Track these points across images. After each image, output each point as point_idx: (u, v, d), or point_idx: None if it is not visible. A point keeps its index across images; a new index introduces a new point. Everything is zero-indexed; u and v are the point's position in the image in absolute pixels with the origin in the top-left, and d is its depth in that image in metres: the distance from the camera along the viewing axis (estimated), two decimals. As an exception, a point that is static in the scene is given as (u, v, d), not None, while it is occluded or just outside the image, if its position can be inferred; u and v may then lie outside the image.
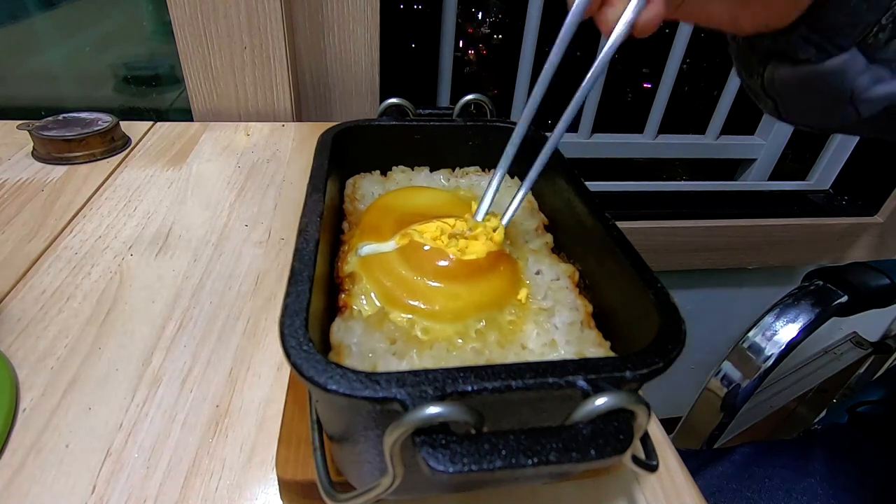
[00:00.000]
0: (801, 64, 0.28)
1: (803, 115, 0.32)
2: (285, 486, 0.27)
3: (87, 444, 0.30)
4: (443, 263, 0.29)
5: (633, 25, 0.26)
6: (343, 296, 0.28)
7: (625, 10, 0.25)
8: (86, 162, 0.58)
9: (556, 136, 0.30)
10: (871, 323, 1.09)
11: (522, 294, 0.29)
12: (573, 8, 0.26)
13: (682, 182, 1.09)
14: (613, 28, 0.26)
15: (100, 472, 0.29)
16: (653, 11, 0.26)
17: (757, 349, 0.58)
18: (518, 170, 0.41)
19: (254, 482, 0.29)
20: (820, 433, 0.63)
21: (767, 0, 0.27)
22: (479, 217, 0.31)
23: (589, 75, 0.27)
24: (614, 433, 0.18)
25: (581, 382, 0.19)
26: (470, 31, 0.97)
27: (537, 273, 0.32)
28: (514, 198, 0.31)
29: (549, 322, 0.28)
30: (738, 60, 0.33)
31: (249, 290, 0.42)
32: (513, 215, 0.31)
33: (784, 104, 0.32)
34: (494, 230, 0.31)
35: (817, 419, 0.88)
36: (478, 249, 0.30)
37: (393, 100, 0.40)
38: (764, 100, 0.32)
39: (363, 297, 0.28)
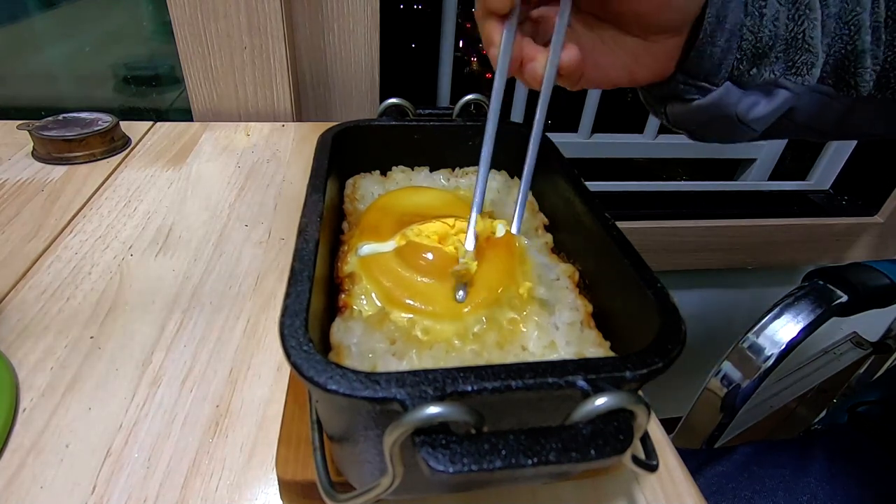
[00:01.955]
0: (689, 102, 0.34)
1: (713, 137, 0.37)
2: (285, 486, 0.27)
3: (87, 444, 0.30)
4: (442, 263, 0.29)
5: (558, 71, 0.30)
6: (343, 296, 0.28)
7: (547, 59, 0.30)
8: (86, 162, 0.58)
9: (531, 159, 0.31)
10: (871, 323, 1.08)
11: (524, 288, 0.29)
12: (497, 76, 0.30)
13: (682, 182, 1.09)
14: (542, 77, 0.30)
15: (100, 472, 0.29)
16: (572, 53, 0.30)
17: (757, 349, 0.57)
18: (519, 172, 0.41)
19: (254, 482, 0.29)
20: (820, 433, 0.63)
21: (648, 61, 0.32)
22: (470, 246, 0.30)
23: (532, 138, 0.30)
24: (614, 433, 0.18)
25: (581, 382, 0.19)
26: (468, 25, 0.96)
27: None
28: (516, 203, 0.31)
29: (548, 322, 0.28)
30: (646, 104, 0.38)
31: (249, 290, 0.42)
32: (521, 220, 0.31)
33: (693, 131, 0.37)
34: (493, 232, 0.31)
35: (817, 419, 0.88)
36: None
37: (393, 100, 0.40)
38: (677, 129, 0.38)
39: (363, 297, 0.28)
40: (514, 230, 0.31)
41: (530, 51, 0.31)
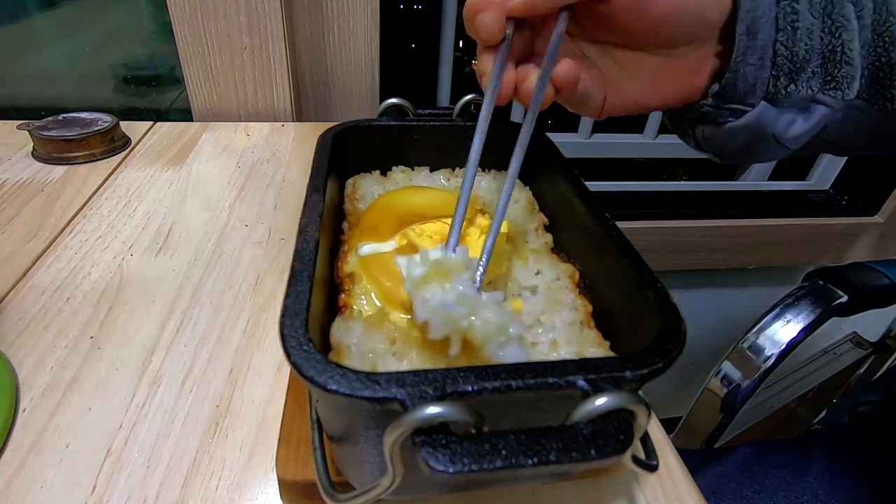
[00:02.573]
0: (722, 125, 0.32)
1: (745, 158, 0.36)
2: (285, 486, 0.27)
3: (87, 444, 0.30)
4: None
5: (556, 85, 0.29)
6: (343, 296, 0.28)
7: (539, 76, 0.29)
8: (86, 162, 0.58)
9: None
10: (871, 323, 1.08)
11: (518, 305, 0.29)
12: (485, 102, 0.30)
13: (682, 182, 1.09)
14: (534, 93, 0.29)
15: (100, 472, 0.29)
16: (566, 64, 0.29)
17: (757, 349, 0.57)
18: (519, 172, 0.41)
19: (254, 482, 0.29)
20: (820, 433, 0.63)
21: (675, 79, 0.31)
22: (451, 247, 0.27)
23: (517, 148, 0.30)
24: (614, 433, 0.18)
25: (581, 382, 0.19)
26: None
27: (537, 273, 0.32)
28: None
29: (549, 322, 0.28)
30: (674, 128, 0.37)
31: (249, 290, 0.42)
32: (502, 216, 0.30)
33: (722, 154, 0.35)
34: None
35: (817, 419, 0.88)
36: (475, 246, 0.29)
37: (393, 100, 0.40)
38: (704, 152, 0.36)
39: (363, 297, 0.28)
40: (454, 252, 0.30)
41: (525, 72, 0.30)
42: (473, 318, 0.23)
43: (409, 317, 0.27)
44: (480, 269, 0.26)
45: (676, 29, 0.29)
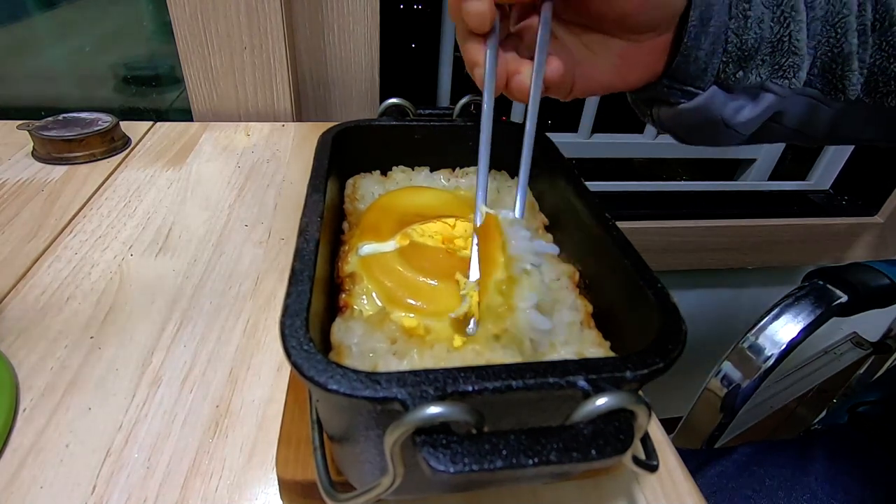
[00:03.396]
0: (675, 105, 0.33)
1: (700, 140, 0.37)
2: (285, 486, 0.27)
3: (87, 444, 0.30)
4: (440, 261, 0.29)
5: (545, 83, 0.30)
6: (343, 296, 0.28)
7: (532, 71, 0.30)
8: (86, 162, 0.58)
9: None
10: (871, 323, 1.08)
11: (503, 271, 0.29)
12: (485, 96, 0.30)
13: (682, 182, 1.09)
14: (529, 90, 0.30)
15: (100, 472, 0.29)
16: (556, 64, 0.30)
17: (757, 349, 0.57)
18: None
19: (254, 482, 0.29)
20: (820, 433, 0.63)
21: (638, 62, 0.33)
22: (474, 275, 0.28)
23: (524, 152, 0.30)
24: (615, 433, 0.18)
25: (582, 382, 0.19)
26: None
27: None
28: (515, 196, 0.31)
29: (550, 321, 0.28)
30: (634, 106, 0.38)
31: (249, 290, 0.42)
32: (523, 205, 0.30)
33: (679, 135, 0.37)
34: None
35: (817, 419, 0.88)
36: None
37: (393, 100, 0.40)
38: (663, 132, 0.37)
39: (364, 296, 0.28)
40: (517, 214, 0.30)
41: (515, 65, 0.31)
42: None
43: (411, 316, 0.27)
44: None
45: (645, 16, 0.30)
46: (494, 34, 0.29)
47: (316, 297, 0.23)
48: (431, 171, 0.41)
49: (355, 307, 0.28)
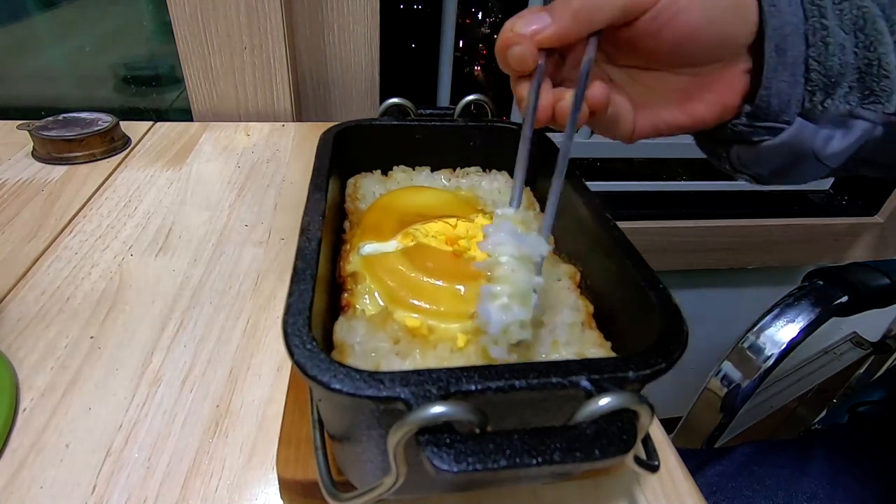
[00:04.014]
0: (757, 144, 0.31)
1: (783, 178, 0.34)
2: (286, 486, 0.27)
3: (87, 444, 0.30)
4: (445, 263, 0.29)
5: (590, 108, 0.30)
6: (346, 295, 0.28)
7: (574, 92, 0.29)
8: (86, 162, 0.58)
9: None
10: (871, 323, 1.08)
11: None
12: (525, 127, 0.29)
13: (682, 182, 1.09)
14: (570, 113, 0.29)
15: (100, 472, 0.29)
16: (597, 89, 0.29)
17: (757, 349, 0.57)
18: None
19: (254, 482, 0.29)
20: (820, 433, 0.63)
21: (708, 97, 0.31)
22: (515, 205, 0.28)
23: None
24: (618, 433, 0.18)
25: (584, 382, 0.19)
26: (467, 20, 0.96)
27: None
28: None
29: (550, 322, 0.28)
30: (706, 151, 0.36)
31: (249, 290, 0.42)
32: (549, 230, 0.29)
33: (762, 175, 0.34)
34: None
35: (817, 419, 0.88)
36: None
37: (394, 100, 0.40)
38: (740, 176, 0.35)
39: (366, 296, 0.28)
40: (513, 207, 0.29)
41: (560, 93, 0.30)
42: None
43: (414, 315, 0.27)
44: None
45: (700, 48, 0.29)
46: (539, 72, 0.29)
47: (318, 296, 0.23)
48: (432, 170, 0.41)
49: (357, 307, 0.28)
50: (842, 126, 0.30)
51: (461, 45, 0.92)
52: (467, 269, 0.29)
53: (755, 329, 0.58)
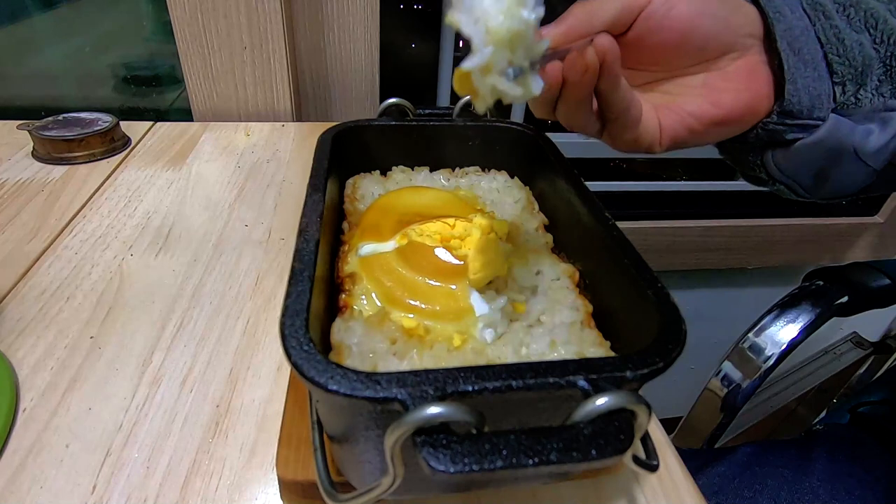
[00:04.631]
0: (792, 143, 0.31)
1: (824, 186, 0.33)
2: (286, 486, 0.27)
3: (87, 444, 0.30)
4: (443, 263, 0.29)
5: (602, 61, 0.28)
6: (343, 296, 0.28)
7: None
8: (86, 162, 0.58)
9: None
10: (871, 323, 1.08)
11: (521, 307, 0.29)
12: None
13: (682, 182, 1.09)
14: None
15: (100, 472, 0.29)
16: (603, 37, 0.27)
17: (757, 349, 0.57)
18: (519, 172, 0.41)
19: (254, 482, 0.29)
20: (821, 433, 0.63)
21: (729, 87, 0.30)
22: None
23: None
24: (615, 433, 0.18)
25: (582, 382, 0.19)
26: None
27: (537, 273, 0.32)
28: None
29: (549, 322, 0.28)
30: (738, 163, 0.35)
31: (249, 290, 0.42)
32: None
33: (798, 183, 0.33)
34: (490, 230, 0.31)
35: (818, 419, 0.88)
36: (475, 247, 0.30)
37: (393, 100, 0.40)
38: (778, 187, 0.34)
39: (363, 297, 0.28)
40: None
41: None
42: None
43: (411, 316, 0.27)
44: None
45: (703, 38, 0.29)
46: None
47: (316, 297, 0.23)
48: (431, 171, 0.41)
49: (355, 307, 0.28)
50: (879, 121, 0.30)
51: (461, 45, 0.92)
52: (461, 266, 0.29)
53: (755, 329, 0.58)
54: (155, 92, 0.80)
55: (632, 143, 0.31)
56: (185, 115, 0.73)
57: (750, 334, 0.58)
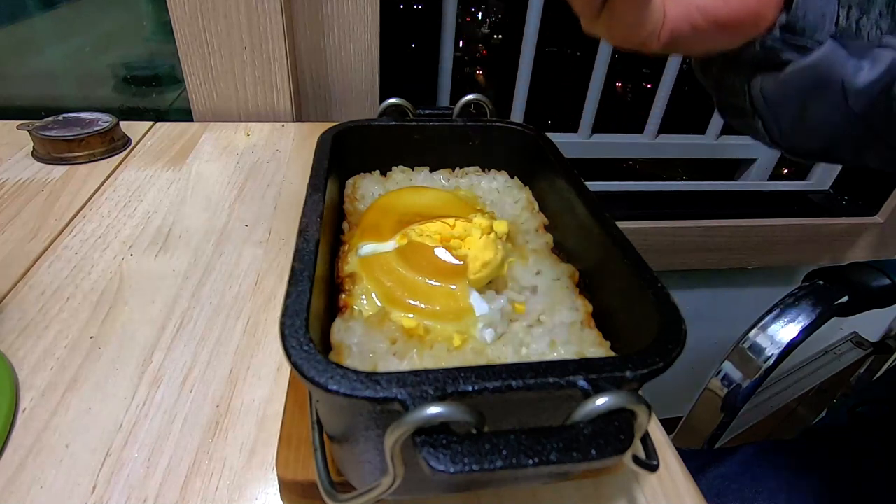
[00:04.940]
0: (784, 66, 0.30)
1: (794, 129, 0.33)
2: (286, 487, 0.27)
3: (87, 444, 0.30)
4: (442, 263, 0.29)
5: None
6: (343, 296, 0.28)
7: None
8: (86, 162, 0.58)
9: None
10: (871, 323, 1.08)
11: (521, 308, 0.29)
12: None
13: (682, 182, 1.09)
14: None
15: (100, 472, 0.29)
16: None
17: (757, 349, 0.57)
18: (519, 172, 0.41)
19: (254, 482, 0.29)
20: (821, 433, 0.63)
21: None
22: None
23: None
24: (615, 433, 0.18)
25: (582, 382, 0.19)
26: (468, 18, 0.96)
27: (537, 273, 0.32)
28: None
29: (549, 322, 0.28)
30: (720, 89, 0.35)
31: (249, 290, 0.42)
32: None
33: (775, 119, 0.33)
34: (490, 230, 0.31)
35: (817, 419, 0.88)
36: (475, 247, 0.30)
37: (393, 100, 0.40)
38: (753, 121, 0.33)
39: (363, 297, 0.28)
40: None
41: None
42: None
43: (411, 316, 0.27)
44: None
45: None
46: None
47: (316, 297, 0.23)
48: (431, 171, 0.41)
49: (355, 307, 0.28)
50: (870, 58, 0.30)
51: (461, 45, 0.92)
52: (461, 266, 0.29)
53: (755, 329, 0.58)
54: (155, 92, 0.80)
55: (632, 28, 0.29)
56: (185, 115, 0.73)
57: (750, 334, 0.59)
